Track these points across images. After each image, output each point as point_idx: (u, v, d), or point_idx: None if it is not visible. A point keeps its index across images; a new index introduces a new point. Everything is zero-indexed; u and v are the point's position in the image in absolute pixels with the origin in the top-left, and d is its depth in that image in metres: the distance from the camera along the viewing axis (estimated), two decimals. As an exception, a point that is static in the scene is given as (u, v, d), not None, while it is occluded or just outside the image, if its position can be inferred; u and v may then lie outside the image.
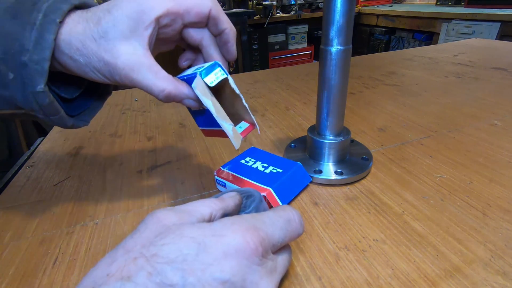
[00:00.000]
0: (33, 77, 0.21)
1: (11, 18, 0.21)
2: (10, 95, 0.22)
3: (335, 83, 0.31)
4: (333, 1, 0.27)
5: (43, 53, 0.20)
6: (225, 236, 0.16)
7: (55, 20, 0.21)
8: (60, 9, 0.21)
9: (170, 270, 0.14)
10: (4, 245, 0.28)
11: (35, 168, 0.41)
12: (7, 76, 0.21)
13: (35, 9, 0.21)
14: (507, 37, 1.76)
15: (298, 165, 0.33)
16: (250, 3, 2.74)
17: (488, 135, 0.41)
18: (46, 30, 0.20)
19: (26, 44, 0.20)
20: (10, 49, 0.20)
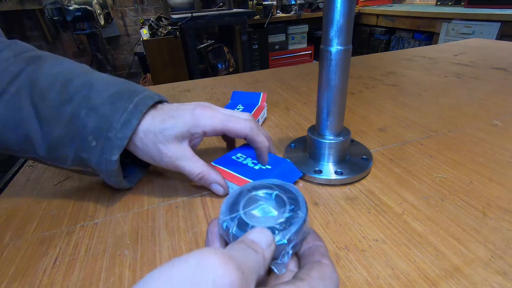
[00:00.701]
0: (112, 149, 0.27)
1: (110, 104, 0.28)
2: (87, 157, 0.28)
3: (335, 83, 0.31)
4: (333, 1, 0.27)
5: (126, 132, 0.27)
6: None
7: (142, 110, 0.28)
8: (147, 104, 0.29)
9: None
10: (4, 245, 0.28)
11: (35, 168, 0.41)
12: (91, 144, 0.28)
13: (129, 100, 0.28)
14: (507, 37, 1.76)
15: (287, 162, 0.34)
16: (250, 3, 2.74)
17: (488, 135, 0.41)
18: (133, 117, 0.28)
19: (115, 124, 0.27)
20: (102, 125, 0.27)
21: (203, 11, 2.40)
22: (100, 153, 0.28)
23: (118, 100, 0.28)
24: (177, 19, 2.13)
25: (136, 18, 3.07)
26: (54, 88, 0.28)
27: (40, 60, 0.31)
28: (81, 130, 0.28)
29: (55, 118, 0.28)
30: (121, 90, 0.29)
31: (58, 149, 0.29)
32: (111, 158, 0.27)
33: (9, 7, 2.39)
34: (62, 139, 0.28)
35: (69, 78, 0.29)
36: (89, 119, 0.27)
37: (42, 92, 0.28)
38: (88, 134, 0.28)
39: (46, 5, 2.23)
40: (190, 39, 2.20)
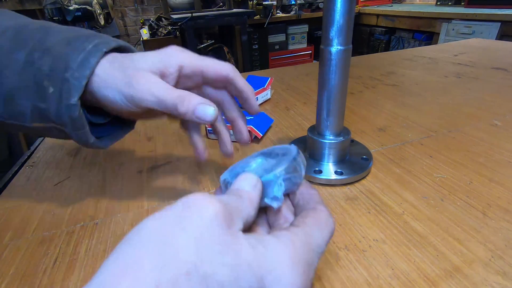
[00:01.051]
0: (70, 91, 0.24)
1: (65, 45, 0.25)
2: (45, 108, 0.25)
3: (335, 83, 0.31)
4: (333, 1, 0.27)
5: (84, 71, 0.24)
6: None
7: (102, 49, 0.25)
8: (108, 44, 0.25)
9: None
10: (4, 245, 0.28)
11: (35, 168, 0.41)
12: (47, 90, 0.24)
13: (87, 40, 0.25)
14: (507, 37, 1.76)
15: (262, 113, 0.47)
16: (250, 3, 2.74)
17: (488, 135, 0.41)
18: (92, 55, 0.24)
19: (72, 64, 0.24)
20: (57, 67, 0.24)
21: (203, 11, 2.40)
22: (59, 99, 0.24)
23: (76, 40, 0.25)
24: (177, 19, 2.13)
25: (136, 18, 3.07)
26: (6, 35, 0.25)
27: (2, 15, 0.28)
28: (36, 74, 0.25)
29: (7, 66, 0.25)
30: (81, 34, 0.26)
31: (14, 102, 0.26)
32: (70, 101, 0.24)
33: (9, 7, 2.39)
34: (16, 89, 0.25)
35: (24, 24, 0.26)
36: (44, 61, 0.24)
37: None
38: (44, 79, 0.24)
39: (46, 5, 2.23)
40: (190, 39, 2.20)
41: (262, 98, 0.58)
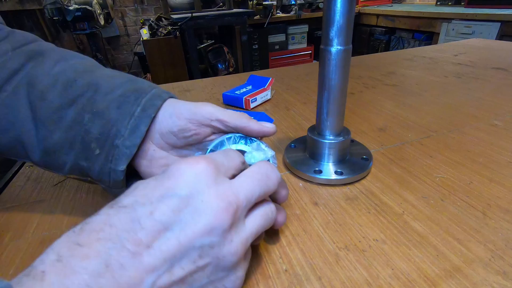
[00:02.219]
0: (120, 158, 0.25)
1: (116, 108, 0.25)
2: (87, 166, 0.26)
3: (335, 83, 0.31)
4: (333, 1, 0.27)
5: (135, 140, 0.25)
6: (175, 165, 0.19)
7: (151, 115, 0.25)
8: (155, 105, 0.26)
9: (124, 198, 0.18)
10: (4, 245, 0.28)
11: (35, 168, 0.41)
12: (94, 151, 0.25)
13: (136, 103, 0.25)
14: (507, 37, 1.76)
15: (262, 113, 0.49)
16: (250, 3, 2.74)
17: (488, 135, 0.41)
18: (142, 123, 0.25)
19: (122, 131, 0.25)
20: (108, 132, 0.25)
21: (203, 11, 2.40)
22: (104, 162, 0.25)
23: (124, 103, 0.25)
24: (177, 19, 2.13)
25: (136, 18, 3.07)
26: (55, 89, 0.26)
27: (42, 55, 0.28)
28: (83, 136, 0.25)
29: (54, 122, 0.25)
30: (127, 91, 0.26)
31: (55, 156, 0.26)
32: (117, 168, 0.25)
33: (9, 7, 2.39)
34: (60, 145, 0.26)
35: (72, 78, 0.26)
36: (93, 124, 0.25)
37: (41, 93, 0.26)
38: (92, 141, 0.25)
39: (46, 5, 2.23)
40: (190, 39, 2.20)
41: (262, 99, 0.59)
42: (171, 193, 0.17)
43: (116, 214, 0.16)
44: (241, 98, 0.55)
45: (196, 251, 0.17)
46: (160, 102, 0.26)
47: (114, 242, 0.15)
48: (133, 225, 0.16)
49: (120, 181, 0.26)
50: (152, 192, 0.17)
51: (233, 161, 0.21)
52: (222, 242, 0.17)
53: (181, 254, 0.16)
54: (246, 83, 0.63)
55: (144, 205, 0.16)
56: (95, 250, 0.15)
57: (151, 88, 0.27)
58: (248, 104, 0.56)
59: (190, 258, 0.17)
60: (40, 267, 0.14)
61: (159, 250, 0.16)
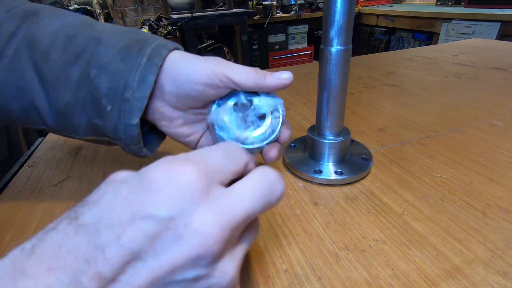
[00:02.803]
0: (132, 112, 0.24)
1: (120, 60, 0.24)
2: (102, 124, 0.25)
3: (335, 83, 0.31)
4: (333, 1, 0.27)
5: (144, 91, 0.24)
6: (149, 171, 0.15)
7: (157, 64, 0.24)
8: (161, 54, 0.24)
9: (87, 211, 0.14)
10: (4, 245, 0.28)
11: (35, 168, 0.41)
12: (106, 108, 0.24)
13: (141, 53, 0.24)
14: (507, 37, 1.76)
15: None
16: (250, 3, 2.74)
17: (488, 135, 0.41)
18: (149, 72, 0.24)
19: (130, 83, 0.24)
20: (116, 86, 0.24)
21: (203, 11, 2.40)
22: (117, 118, 0.24)
23: (129, 54, 0.24)
24: (177, 19, 2.13)
25: (136, 18, 3.07)
26: (57, 47, 0.25)
27: (37, 15, 0.26)
28: (93, 93, 0.24)
29: (62, 82, 0.24)
30: (130, 42, 0.25)
31: (69, 117, 0.25)
32: (131, 121, 0.24)
33: (9, 7, 2.39)
34: (72, 106, 0.25)
35: (72, 34, 0.25)
36: (101, 79, 0.24)
37: (43, 53, 0.25)
38: (102, 97, 0.24)
39: (46, 5, 2.23)
40: (190, 39, 2.20)
41: None
42: (146, 212, 0.13)
43: (75, 235, 0.13)
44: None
45: (177, 285, 0.14)
46: (166, 51, 0.25)
47: (69, 275, 0.12)
48: (95, 253, 0.13)
49: (136, 135, 0.25)
50: (122, 208, 0.14)
51: (235, 163, 0.18)
52: (211, 274, 0.15)
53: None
54: None
55: (110, 226, 0.13)
56: (42, 283, 0.12)
57: (154, 38, 0.26)
58: None
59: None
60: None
61: (127, 284, 0.13)
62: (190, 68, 0.25)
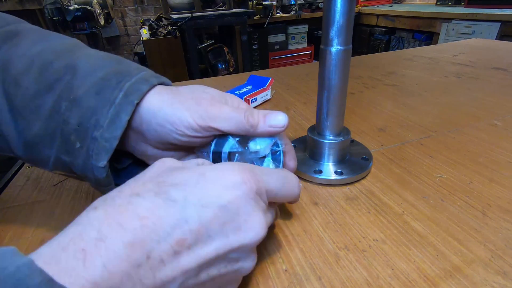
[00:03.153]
0: (99, 153, 0.22)
1: (95, 94, 0.22)
2: (70, 161, 0.23)
3: (335, 83, 0.31)
4: (333, 1, 0.27)
5: (115, 132, 0.22)
6: (224, 171, 0.18)
7: (133, 101, 0.22)
8: (140, 90, 0.22)
9: (173, 190, 0.16)
10: (4, 245, 0.28)
11: (35, 168, 0.41)
12: (74, 145, 0.22)
13: (118, 87, 0.22)
14: (507, 37, 1.76)
15: None
16: (250, 3, 2.74)
17: (488, 135, 0.41)
18: (122, 111, 0.22)
19: (102, 120, 0.21)
20: (86, 122, 0.22)
21: (203, 11, 2.40)
22: (86, 157, 0.22)
23: (104, 87, 0.22)
24: (177, 19, 2.13)
25: (136, 18, 3.08)
26: (31, 73, 0.23)
27: (18, 36, 0.24)
28: (62, 127, 0.22)
29: (32, 112, 0.23)
30: (109, 74, 0.23)
31: (38, 149, 0.24)
32: (98, 164, 0.22)
33: (9, 7, 2.39)
34: (40, 138, 0.23)
35: (49, 60, 0.23)
36: (71, 113, 0.22)
37: (15, 79, 0.23)
38: (71, 133, 0.22)
39: (46, 5, 2.23)
40: (190, 39, 2.20)
41: (262, 99, 0.59)
42: (223, 203, 0.17)
43: (164, 205, 0.16)
44: (241, 98, 0.55)
45: (225, 262, 0.18)
46: (147, 87, 0.23)
47: (159, 235, 0.15)
48: (181, 223, 0.15)
49: (104, 178, 0.23)
50: (203, 193, 0.17)
51: (287, 191, 0.21)
52: (246, 257, 0.19)
53: (213, 263, 0.17)
54: (246, 83, 0.63)
55: (195, 206, 0.16)
56: (139, 238, 0.14)
57: (138, 70, 0.24)
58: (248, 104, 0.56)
59: (218, 267, 0.17)
60: (79, 244, 0.13)
61: (197, 255, 0.16)
62: (171, 118, 0.23)
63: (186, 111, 0.23)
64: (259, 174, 0.20)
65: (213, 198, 0.17)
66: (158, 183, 0.17)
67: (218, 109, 0.23)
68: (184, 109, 0.23)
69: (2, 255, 0.12)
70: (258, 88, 0.59)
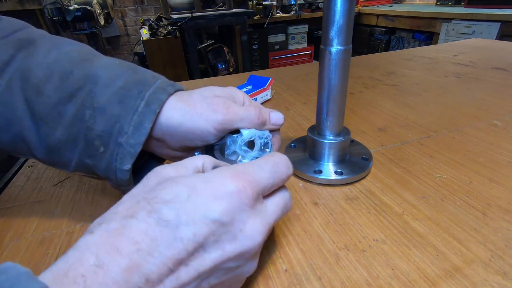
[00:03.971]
0: (124, 157, 0.24)
1: (117, 102, 0.24)
2: (93, 164, 0.25)
3: (335, 83, 0.31)
4: (333, 1, 0.27)
5: (139, 138, 0.23)
6: (214, 182, 0.18)
7: (155, 110, 0.24)
8: (159, 100, 0.24)
9: (165, 209, 0.16)
10: (4, 245, 0.28)
11: (35, 168, 0.41)
12: (98, 149, 0.24)
13: (139, 97, 0.24)
14: (507, 37, 1.76)
15: None
16: (250, 3, 2.74)
17: (488, 135, 0.41)
18: (146, 119, 0.24)
19: (126, 128, 0.23)
20: (110, 129, 0.23)
21: (203, 11, 2.40)
22: (110, 160, 0.24)
23: (126, 97, 0.24)
24: (177, 19, 2.13)
25: (136, 18, 3.07)
26: (51, 82, 0.24)
27: (33, 44, 0.26)
28: (86, 133, 0.24)
29: (54, 119, 0.24)
30: (128, 83, 0.25)
31: (59, 153, 0.25)
32: (123, 167, 0.24)
33: (9, 7, 2.39)
34: (63, 143, 0.24)
35: (69, 69, 0.24)
36: (95, 121, 0.24)
37: (37, 87, 0.24)
38: (95, 139, 0.24)
39: (46, 5, 2.23)
40: (190, 39, 2.20)
41: (262, 99, 0.59)
42: (216, 217, 0.17)
43: (157, 226, 0.16)
44: None
45: (224, 270, 0.18)
46: (165, 96, 0.25)
47: (155, 257, 0.15)
48: (175, 244, 0.16)
49: (127, 180, 0.25)
50: (195, 209, 0.17)
51: (280, 179, 0.21)
52: (246, 264, 0.19)
53: (211, 273, 0.17)
54: (246, 83, 0.63)
55: (187, 225, 0.16)
56: (136, 262, 0.15)
57: (154, 79, 0.26)
58: None
59: (218, 275, 0.18)
60: (79, 270, 0.14)
61: (195, 270, 0.16)
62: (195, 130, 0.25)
63: (206, 122, 0.25)
64: (253, 173, 0.19)
65: (206, 212, 0.17)
66: (150, 199, 0.17)
67: (233, 113, 0.26)
68: (203, 120, 0.25)
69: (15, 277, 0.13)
70: (258, 88, 0.59)
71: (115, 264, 0.14)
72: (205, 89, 0.27)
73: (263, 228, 0.19)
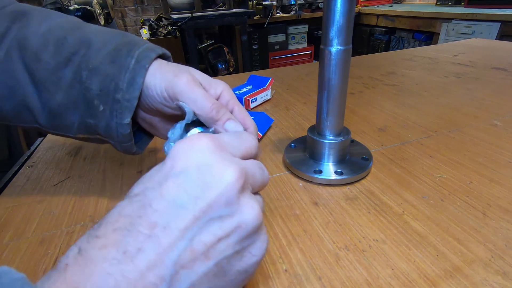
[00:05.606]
0: (122, 112, 0.25)
1: (110, 62, 0.25)
2: (94, 123, 0.26)
3: (335, 83, 0.31)
4: (333, 1, 0.27)
5: (134, 92, 0.25)
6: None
7: (145, 66, 0.25)
8: (149, 57, 0.26)
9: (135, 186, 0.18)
10: (4, 245, 0.28)
11: (35, 168, 0.41)
12: (98, 108, 0.26)
13: (129, 55, 0.25)
14: (507, 37, 1.76)
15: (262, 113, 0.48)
16: (250, 3, 2.74)
17: (488, 135, 0.41)
18: (137, 74, 0.25)
19: (120, 84, 0.25)
20: (107, 87, 0.25)
21: (203, 11, 2.40)
22: (110, 118, 0.26)
23: (118, 56, 0.26)
24: (177, 19, 2.13)
25: (136, 18, 3.07)
26: (48, 49, 0.26)
27: (26, 16, 0.27)
28: (85, 94, 0.26)
29: (54, 83, 0.26)
30: (119, 45, 0.26)
31: (62, 116, 0.27)
32: (123, 121, 0.26)
33: (9, 7, 2.39)
34: (64, 106, 0.26)
35: (62, 36, 0.26)
36: (92, 81, 0.25)
37: (35, 55, 0.26)
38: (94, 98, 0.25)
39: (46, 5, 2.23)
40: (190, 39, 2.20)
41: (262, 99, 0.59)
42: (177, 171, 0.17)
43: (128, 203, 0.17)
44: (241, 98, 0.55)
45: (215, 222, 0.16)
46: (154, 54, 0.26)
47: (129, 229, 0.15)
48: (146, 210, 0.16)
49: (127, 134, 0.26)
50: (158, 175, 0.17)
51: (245, 143, 0.21)
52: (240, 209, 0.17)
53: (198, 228, 0.16)
54: (246, 83, 0.63)
55: (153, 189, 0.17)
56: (111, 239, 0.15)
57: (143, 42, 0.27)
58: (248, 104, 0.56)
59: (210, 231, 0.16)
60: (64, 261, 0.15)
61: (176, 229, 0.16)
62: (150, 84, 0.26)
63: (163, 80, 0.26)
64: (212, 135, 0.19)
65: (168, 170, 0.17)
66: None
67: (192, 88, 0.25)
68: (163, 78, 0.26)
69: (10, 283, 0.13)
70: (258, 88, 0.59)
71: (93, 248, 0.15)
72: (194, 69, 0.28)
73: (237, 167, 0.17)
